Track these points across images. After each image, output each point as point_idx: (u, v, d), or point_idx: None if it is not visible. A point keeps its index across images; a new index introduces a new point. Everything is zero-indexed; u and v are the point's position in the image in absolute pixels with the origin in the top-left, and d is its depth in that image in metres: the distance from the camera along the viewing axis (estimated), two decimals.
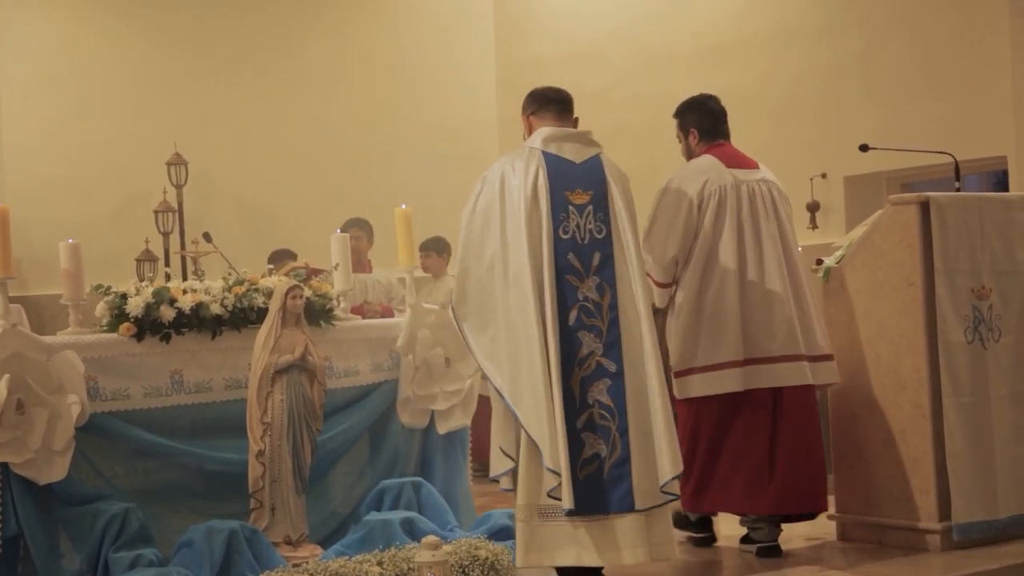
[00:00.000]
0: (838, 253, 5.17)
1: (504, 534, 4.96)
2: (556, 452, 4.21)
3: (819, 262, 5.30)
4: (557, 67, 8.66)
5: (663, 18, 8.31)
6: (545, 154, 4.53)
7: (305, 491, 4.83)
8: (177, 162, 8.68)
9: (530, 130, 4.67)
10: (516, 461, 4.31)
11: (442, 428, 5.51)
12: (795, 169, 7.59)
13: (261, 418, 4.72)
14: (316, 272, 5.84)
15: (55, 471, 4.40)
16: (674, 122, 5.41)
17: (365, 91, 9.00)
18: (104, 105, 8.81)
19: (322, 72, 9.01)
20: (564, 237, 4.42)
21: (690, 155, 5.34)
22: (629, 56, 8.42)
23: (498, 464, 4.37)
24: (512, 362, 4.32)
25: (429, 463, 5.49)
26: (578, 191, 4.54)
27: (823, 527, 5.34)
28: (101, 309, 4.87)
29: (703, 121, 5.33)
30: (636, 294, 4.45)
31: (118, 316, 4.82)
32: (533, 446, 4.25)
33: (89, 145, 8.74)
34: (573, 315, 4.36)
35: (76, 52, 8.84)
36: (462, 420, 5.59)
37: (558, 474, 4.19)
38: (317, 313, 5.23)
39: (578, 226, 4.48)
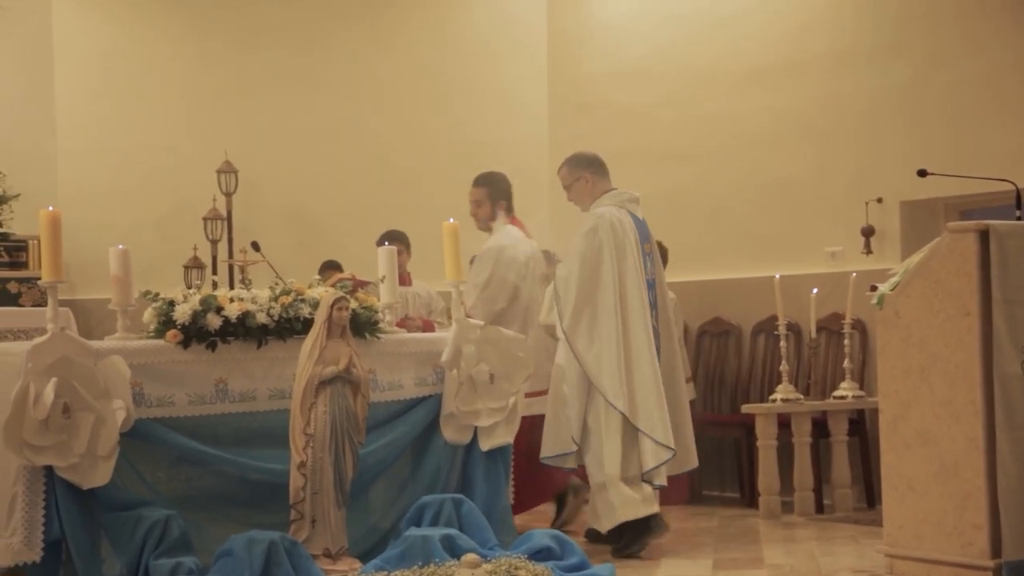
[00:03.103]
0: (893, 280, 5.08)
1: (545, 554, 4.91)
2: (669, 436, 5.65)
3: (873, 288, 5.21)
4: (607, 85, 8.64)
5: (714, 37, 8.24)
6: (630, 213, 5.95)
7: (346, 504, 4.82)
8: (227, 170, 8.75)
9: (592, 186, 6.01)
10: (579, 447, 5.67)
11: (485, 445, 5.49)
12: (850, 192, 7.52)
13: (304, 429, 4.72)
14: (362, 284, 5.84)
15: (99, 476, 4.43)
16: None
17: (416, 105, 9.02)
18: (157, 112, 8.90)
19: (374, 85, 9.04)
20: (647, 279, 5.88)
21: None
22: (679, 74, 8.36)
23: (565, 446, 5.69)
24: (621, 370, 5.62)
25: (471, 480, 5.48)
26: (646, 244, 5.97)
27: (871, 560, 5.24)
28: (149, 315, 4.89)
29: (507, 194, 6.52)
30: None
31: (165, 323, 4.85)
32: (628, 432, 5.62)
33: (141, 151, 8.84)
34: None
35: (130, 59, 8.94)
36: (505, 437, 5.57)
37: (673, 449, 5.65)
38: (362, 325, 5.23)
39: (647, 269, 5.91)
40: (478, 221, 6.50)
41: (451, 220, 5.66)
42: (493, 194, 6.46)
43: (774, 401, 6.90)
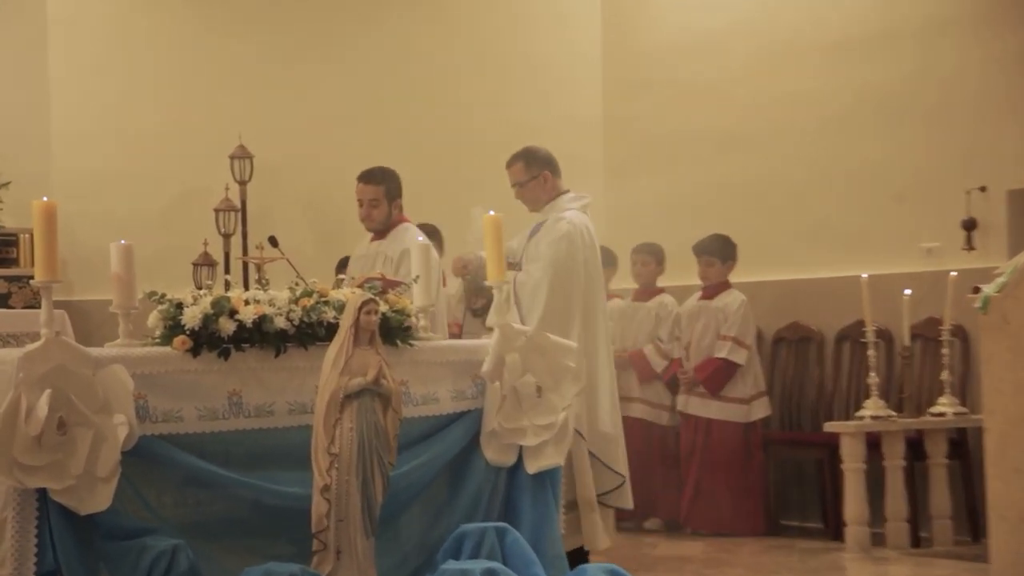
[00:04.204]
0: (1000, 280, 5.03)
1: None
2: (622, 461, 6.20)
3: (976, 290, 5.16)
4: (669, 60, 8.62)
5: (795, 4, 8.20)
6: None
7: (375, 533, 4.81)
8: (241, 155, 8.80)
9: (551, 186, 6.38)
10: None
11: (531, 467, 5.47)
12: (949, 180, 7.46)
13: (328, 448, 4.71)
14: (393, 284, 5.85)
15: (98, 500, 4.43)
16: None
17: (454, 83, 9.02)
18: (163, 91, 8.95)
19: (407, 60, 9.06)
20: None
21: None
22: (754, 48, 8.34)
23: None
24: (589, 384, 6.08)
25: (515, 506, 5.46)
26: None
27: None
28: (154, 319, 4.90)
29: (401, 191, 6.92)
30: None
31: (172, 328, 4.85)
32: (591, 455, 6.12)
33: (145, 135, 8.89)
34: None
35: (133, 32, 9.00)
36: (554, 458, 5.55)
37: (623, 476, 6.16)
38: (394, 331, 5.23)
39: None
40: (372, 223, 6.77)
41: (492, 212, 5.66)
42: (390, 193, 6.78)
43: (862, 419, 6.87)
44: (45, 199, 4.68)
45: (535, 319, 6.01)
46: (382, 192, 6.78)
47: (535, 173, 6.40)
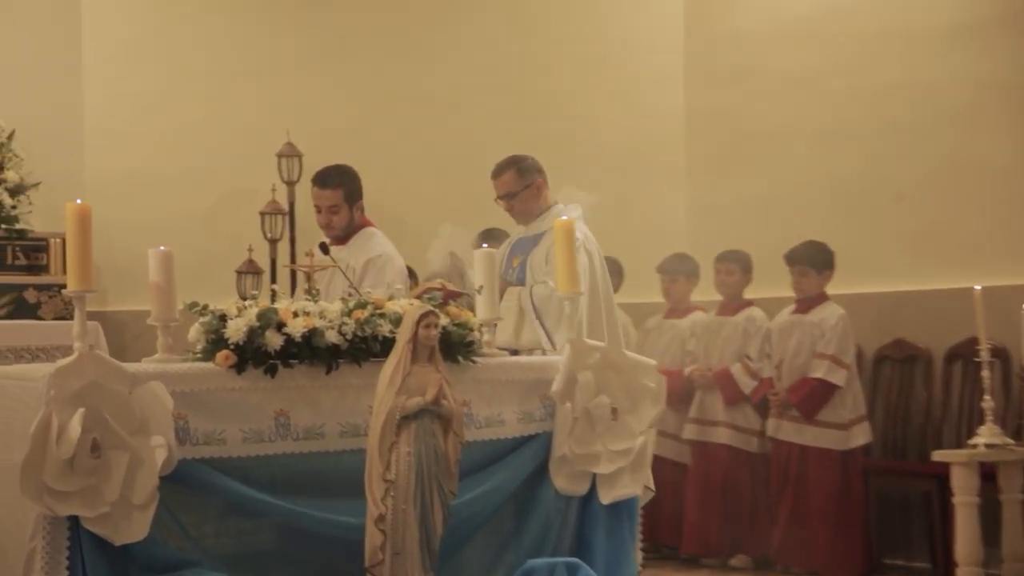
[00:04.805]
0: None
1: None
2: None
3: None
4: (758, 47, 8.58)
5: None
6: None
7: (434, 568, 4.82)
8: (289, 154, 8.86)
9: (546, 194, 6.51)
10: None
11: (605, 497, 5.49)
12: None
13: (383, 474, 4.74)
14: (455, 295, 5.86)
15: (134, 529, 4.48)
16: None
17: (521, 75, 9.03)
18: (205, 85, 9.02)
19: (471, 51, 9.08)
20: None
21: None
22: (855, 34, 8.28)
23: None
24: None
25: (588, 540, 5.47)
26: None
27: None
28: (195, 332, 4.95)
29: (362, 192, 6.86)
30: None
31: (215, 342, 4.90)
32: None
33: (185, 132, 8.96)
34: None
35: (173, 23, 9.06)
36: (631, 488, 5.57)
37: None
38: (455, 346, 5.25)
39: None
40: (332, 230, 6.66)
41: (564, 217, 5.66)
42: (351, 195, 6.70)
43: (975, 447, 6.77)
44: (78, 201, 4.76)
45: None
46: (341, 196, 6.68)
47: (528, 182, 6.46)
